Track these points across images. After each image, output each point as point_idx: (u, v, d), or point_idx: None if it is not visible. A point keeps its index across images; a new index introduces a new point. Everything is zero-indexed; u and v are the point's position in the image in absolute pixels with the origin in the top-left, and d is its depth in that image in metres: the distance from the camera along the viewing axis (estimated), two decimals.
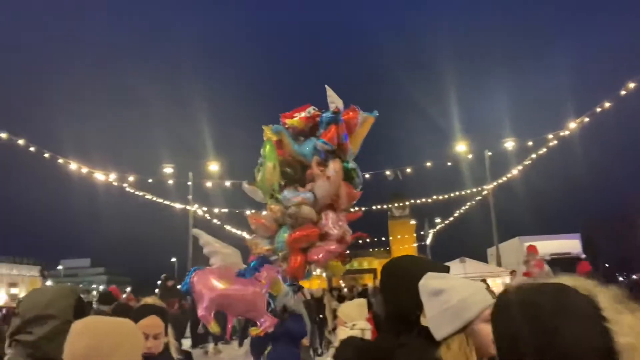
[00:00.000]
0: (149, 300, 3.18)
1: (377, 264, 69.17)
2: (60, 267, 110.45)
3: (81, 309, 2.15)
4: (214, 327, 4.22)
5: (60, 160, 16.09)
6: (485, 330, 1.64)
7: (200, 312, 4.19)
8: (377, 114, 7.22)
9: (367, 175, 17.60)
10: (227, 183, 23.13)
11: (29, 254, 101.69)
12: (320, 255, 6.76)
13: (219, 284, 4.25)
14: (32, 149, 14.97)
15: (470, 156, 23.80)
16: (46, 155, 15.50)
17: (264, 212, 7.35)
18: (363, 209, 23.73)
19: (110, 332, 1.56)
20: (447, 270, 2.07)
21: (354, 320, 3.98)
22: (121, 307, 7.86)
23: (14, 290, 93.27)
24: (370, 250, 71.68)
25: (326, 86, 6.74)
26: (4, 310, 22.14)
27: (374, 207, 28.16)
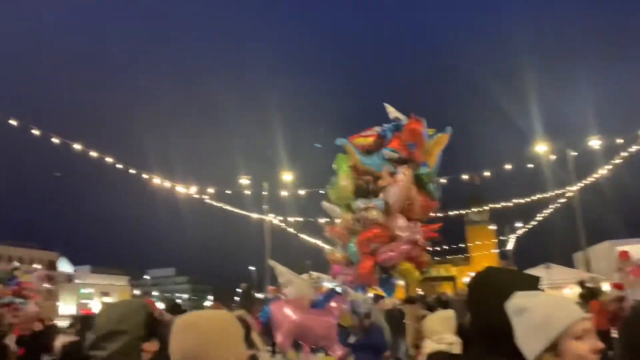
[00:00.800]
0: (236, 313, 3.21)
1: (456, 271, 67.41)
2: (147, 276, 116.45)
3: (152, 324, 2.18)
4: (291, 356, 4.35)
5: (145, 176, 16.98)
6: (576, 348, 1.58)
7: (279, 338, 4.31)
8: (451, 131, 7.14)
9: (443, 180, 17.16)
10: (301, 192, 23.40)
11: (118, 265, 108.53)
12: (388, 254, 6.65)
13: (295, 314, 4.40)
14: (119, 165, 15.91)
15: (552, 157, 22.65)
16: (132, 171, 16.42)
17: (327, 219, 7.40)
18: (440, 214, 23.21)
19: (214, 325, 1.59)
20: (537, 281, 1.96)
21: (439, 334, 3.83)
22: None
23: (106, 299, 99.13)
24: (448, 257, 69.97)
25: (385, 104, 6.85)
26: None
27: (450, 213, 27.45)
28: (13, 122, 12.46)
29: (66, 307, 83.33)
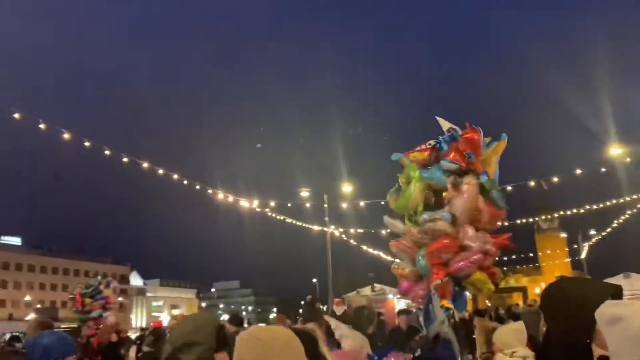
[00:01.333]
0: (298, 327, 3.23)
1: (526, 281, 64.83)
2: (213, 289, 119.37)
3: (223, 336, 2.26)
4: None
5: (209, 191, 17.47)
6: None
7: None
8: (506, 137, 7.00)
9: (509, 188, 16.57)
10: (362, 203, 23.32)
11: (186, 278, 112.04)
12: (461, 264, 6.46)
13: None
14: (185, 182, 16.46)
15: (627, 159, 21.41)
16: (197, 186, 16.94)
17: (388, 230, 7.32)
18: (507, 223, 22.45)
19: (276, 339, 1.64)
20: (619, 290, 1.84)
21: (511, 347, 3.68)
22: None
23: (175, 312, 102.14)
24: (518, 267, 67.50)
25: (437, 117, 6.76)
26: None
27: (519, 221, 26.47)
28: (87, 143, 13.19)
29: (138, 320, 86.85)
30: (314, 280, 67.24)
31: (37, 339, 2.92)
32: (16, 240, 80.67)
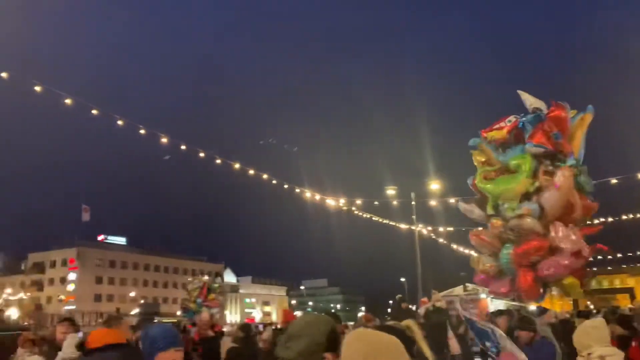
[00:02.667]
0: (391, 323, 3.20)
1: (634, 282, 60.09)
2: (302, 287, 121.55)
3: (335, 336, 2.29)
4: None
5: (297, 190, 17.81)
6: None
7: None
8: (592, 109, 6.36)
9: (614, 181, 15.39)
10: (452, 200, 22.68)
11: (276, 276, 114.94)
12: (552, 270, 5.99)
13: None
14: (274, 181, 16.89)
15: None
16: (285, 186, 17.33)
17: (480, 228, 6.92)
18: (610, 219, 20.90)
19: (381, 341, 1.68)
20: None
21: (588, 348, 3.42)
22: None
23: (267, 309, 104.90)
24: (623, 266, 62.68)
25: (519, 91, 6.28)
26: (260, 327, 25.03)
27: (624, 217, 24.56)
28: (183, 147, 13.92)
29: (231, 316, 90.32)
30: (402, 279, 66.54)
31: (147, 330, 3.10)
32: (121, 240, 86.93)
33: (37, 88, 10.34)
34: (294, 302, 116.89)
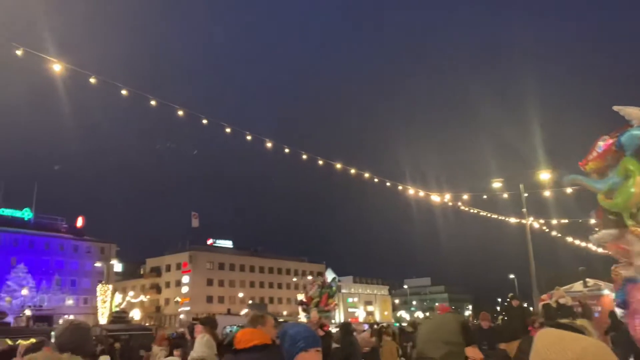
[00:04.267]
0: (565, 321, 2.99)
1: None
2: (405, 286, 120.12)
3: (468, 330, 2.21)
4: None
5: (400, 187, 17.54)
6: None
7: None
8: None
9: None
10: (569, 190, 21.22)
11: (378, 275, 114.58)
12: None
13: None
14: (376, 180, 16.76)
15: None
16: (388, 183, 17.11)
17: (607, 231, 6.44)
18: None
19: (592, 345, 1.43)
20: None
21: None
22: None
23: (370, 308, 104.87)
24: None
25: (614, 107, 5.70)
26: (365, 326, 25.01)
27: None
28: (287, 150, 14.20)
29: (335, 315, 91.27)
30: (512, 276, 63.52)
31: (286, 329, 3.08)
32: (228, 243, 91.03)
33: (153, 102, 10.99)
34: (397, 301, 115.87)
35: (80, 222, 74.01)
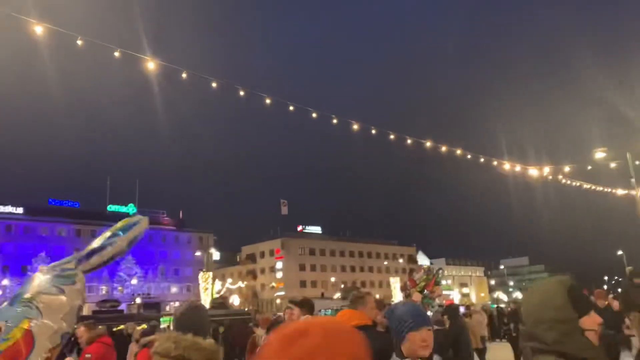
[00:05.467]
0: None
1: None
2: (501, 267, 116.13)
3: (578, 297, 1.89)
4: None
5: (495, 162, 16.70)
6: None
7: None
8: None
9: None
10: None
11: (472, 257, 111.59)
12: None
13: None
14: (469, 156, 16.07)
15: None
16: (481, 159, 16.36)
17: None
18: None
19: None
20: None
21: None
22: None
23: (465, 290, 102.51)
24: None
25: None
26: (462, 309, 24.27)
27: None
28: (373, 131, 13.97)
29: None
30: (619, 252, 59.19)
31: (393, 308, 2.95)
32: (317, 229, 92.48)
33: (242, 93, 11.18)
34: (492, 282, 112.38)
35: (180, 214, 78.47)
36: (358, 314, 3.09)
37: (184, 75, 10.16)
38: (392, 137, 14.22)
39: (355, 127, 13.53)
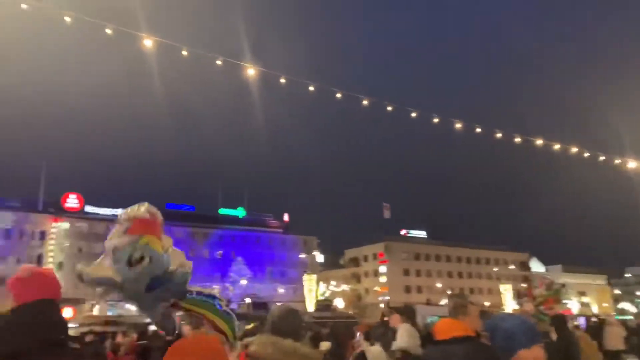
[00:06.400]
0: None
1: None
2: (627, 275, 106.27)
3: None
4: None
5: (618, 161, 15.17)
6: None
7: None
8: None
9: None
10: None
11: (593, 264, 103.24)
12: None
13: None
14: (586, 154, 14.75)
15: None
16: (602, 158, 14.96)
17: None
18: None
19: None
20: None
21: None
22: None
23: (584, 299, 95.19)
24: None
25: None
26: (580, 320, 22.41)
27: None
28: (478, 130, 13.27)
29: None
30: None
31: (498, 321, 2.68)
32: (421, 234, 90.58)
33: (339, 95, 11.16)
34: (617, 291, 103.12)
35: (285, 217, 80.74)
36: (458, 324, 2.83)
37: (282, 80, 10.33)
38: (499, 135, 13.43)
39: (459, 125, 12.93)
